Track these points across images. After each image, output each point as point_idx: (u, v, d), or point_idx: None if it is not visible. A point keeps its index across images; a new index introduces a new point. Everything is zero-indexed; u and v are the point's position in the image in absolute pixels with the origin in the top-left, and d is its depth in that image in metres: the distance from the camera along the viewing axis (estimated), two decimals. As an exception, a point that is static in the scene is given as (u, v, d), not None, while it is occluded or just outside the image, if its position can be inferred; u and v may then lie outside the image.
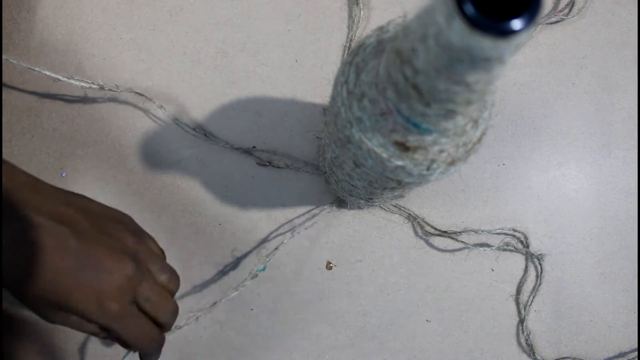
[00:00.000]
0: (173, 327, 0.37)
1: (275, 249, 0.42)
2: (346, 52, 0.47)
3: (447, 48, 0.17)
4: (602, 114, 0.47)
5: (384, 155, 0.25)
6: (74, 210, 0.30)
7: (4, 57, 0.44)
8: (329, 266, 0.45)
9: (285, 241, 0.42)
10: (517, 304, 0.45)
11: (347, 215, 0.46)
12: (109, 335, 0.31)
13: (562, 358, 0.45)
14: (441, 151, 0.25)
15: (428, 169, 0.26)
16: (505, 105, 0.47)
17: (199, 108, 0.46)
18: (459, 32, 0.16)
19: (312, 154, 0.46)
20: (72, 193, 0.32)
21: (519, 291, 0.45)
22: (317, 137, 0.46)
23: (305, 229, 0.44)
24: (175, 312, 0.33)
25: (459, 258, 0.45)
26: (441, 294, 0.45)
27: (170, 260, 0.46)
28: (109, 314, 0.29)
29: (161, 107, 0.45)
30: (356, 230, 0.46)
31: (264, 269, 0.39)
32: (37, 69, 0.41)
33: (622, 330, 0.45)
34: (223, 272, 0.45)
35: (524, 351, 0.45)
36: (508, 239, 0.45)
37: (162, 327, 0.33)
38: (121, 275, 0.29)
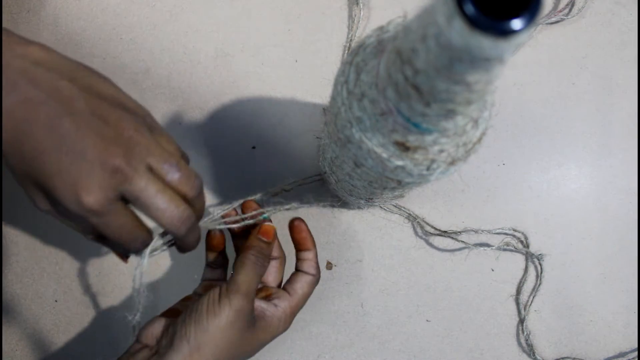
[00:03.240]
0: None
1: (287, 208, 0.40)
2: (346, 52, 0.47)
3: (447, 48, 0.17)
4: (602, 114, 0.47)
5: (384, 155, 0.25)
6: (77, 88, 0.26)
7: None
8: (329, 266, 0.45)
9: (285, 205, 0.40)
10: (517, 304, 0.45)
11: (347, 215, 0.46)
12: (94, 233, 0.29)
13: (562, 358, 0.45)
14: (441, 151, 0.25)
15: (428, 169, 0.26)
16: (505, 105, 0.47)
17: (199, 108, 0.46)
18: (459, 32, 0.16)
19: (312, 154, 0.46)
20: (86, 68, 0.28)
21: (519, 291, 0.45)
22: (317, 137, 0.46)
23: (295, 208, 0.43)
24: (183, 217, 0.28)
25: (459, 258, 0.45)
26: (441, 294, 0.45)
27: (170, 258, 0.46)
28: (86, 207, 0.26)
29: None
30: (356, 230, 0.46)
31: (267, 217, 0.38)
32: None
33: (622, 330, 0.45)
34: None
35: (524, 351, 0.45)
36: (508, 239, 0.45)
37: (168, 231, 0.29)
38: (104, 167, 0.26)
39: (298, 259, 0.38)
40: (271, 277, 0.38)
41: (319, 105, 0.47)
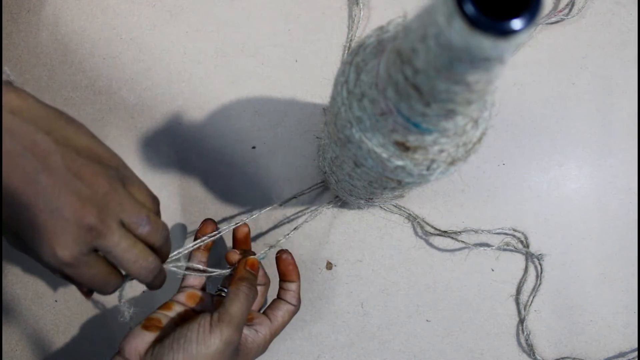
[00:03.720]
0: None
1: (279, 240, 0.42)
2: (346, 52, 0.47)
3: (447, 48, 0.17)
4: (602, 114, 0.47)
5: (384, 155, 0.25)
6: (54, 141, 0.27)
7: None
8: (329, 266, 0.45)
9: (289, 234, 0.42)
10: (517, 304, 0.45)
11: (347, 215, 0.46)
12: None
13: (562, 358, 0.45)
14: (441, 151, 0.25)
15: (428, 168, 0.26)
16: (505, 105, 0.47)
17: (199, 108, 0.46)
18: (459, 32, 0.16)
19: (312, 154, 0.46)
20: (62, 116, 0.29)
21: (519, 291, 0.45)
22: (317, 137, 0.46)
23: (307, 221, 0.44)
24: (150, 268, 0.30)
25: (459, 258, 0.45)
26: (441, 294, 0.45)
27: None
28: (61, 260, 0.27)
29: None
30: (356, 230, 0.46)
31: (264, 257, 0.39)
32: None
33: (622, 330, 0.45)
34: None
35: (524, 351, 0.45)
36: (508, 239, 0.45)
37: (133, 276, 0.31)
38: (80, 225, 0.27)
39: (281, 288, 0.40)
40: (255, 302, 0.39)
41: (319, 105, 0.47)
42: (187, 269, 0.38)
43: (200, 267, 0.39)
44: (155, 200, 0.32)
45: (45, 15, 0.47)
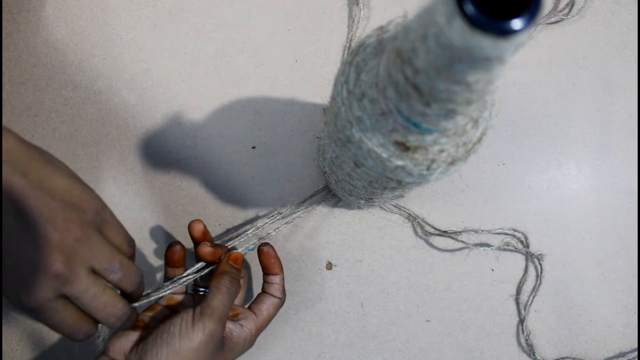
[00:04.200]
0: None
1: (269, 233, 0.41)
2: (346, 52, 0.47)
3: (447, 48, 0.17)
4: (602, 114, 0.47)
5: (384, 155, 0.25)
6: (30, 184, 0.27)
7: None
8: (329, 266, 0.45)
9: (279, 228, 0.42)
10: (517, 304, 0.45)
11: (347, 215, 0.46)
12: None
13: (562, 358, 0.45)
14: (441, 151, 0.25)
15: (428, 168, 0.26)
16: (505, 105, 0.47)
17: (199, 108, 0.46)
18: (459, 32, 0.16)
19: (312, 154, 0.46)
20: (41, 157, 0.29)
21: (519, 291, 0.45)
22: (317, 137, 0.46)
23: (300, 216, 0.44)
24: (119, 315, 0.30)
25: (459, 258, 0.45)
26: (441, 294, 0.45)
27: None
28: (25, 306, 0.27)
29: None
30: (356, 230, 0.46)
31: (253, 249, 0.39)
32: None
33: (622, 330, 0.45)
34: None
35: (524, 351, 0.45)
36: (508, 239, 0.45)
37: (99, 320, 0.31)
38: (46, 272, 0.27)
39: (265, 282, 0.39)
40: (238, 296, 0.39)
41: (319, 105, 0.47)
42: (159, 289, 0.37)
43: (174, 282, 0.37)
44: (130, 243, 0.32)
45: (45, 15, 0.47)
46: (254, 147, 0.46)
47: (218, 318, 0.33)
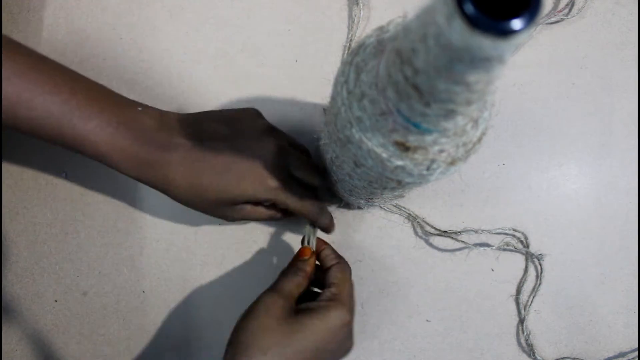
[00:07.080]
0: None
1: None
2: (346, 52, 0.47)
3: (447, 48, 0.17)
4: (602, 114, 0.47)
5: (384, 155, 0.25)
6: (211, 121, 0.35)
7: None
8: (329, 266, 0.45)
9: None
10: (517, 304, 0.45)
11: (347, 215, 0.46)
12: (281, 211, 0.38)
13: (562, 358, 0.45)
14: (441, 151, 0.25)
15: (428, 169, 0.26)
16: (505, 105, 0.47)
17: (199, 108, 0.46)
18: (459, 32, 0.16)
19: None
20: (200, 114, 0.37)
21: (519, 291, 0.45)
22: (317, 137, 0.46)
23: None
24: (319, 175, 0.38)
25: (459, 258, 0.45)
26: (441, 294, 0.45)
27: (170, 259, 0.46)
28: (272, 188, 0.35)
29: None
30: (356, 230, 0.46)
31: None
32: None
33: (622, 330, 0.45)
34: (223, 272, 0.45)
35: (524, 351, 0.45)
36: (508, 239, 0.45)
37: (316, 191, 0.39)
38: (268, 152, 0.35)
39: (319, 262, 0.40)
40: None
41: (319, 105, 0.47)
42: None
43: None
44: (305, 149, 0.43)
45: (45, 15, 0.47)
46: (254, 147, 0.46)
47: (275, 290, 0.36)
